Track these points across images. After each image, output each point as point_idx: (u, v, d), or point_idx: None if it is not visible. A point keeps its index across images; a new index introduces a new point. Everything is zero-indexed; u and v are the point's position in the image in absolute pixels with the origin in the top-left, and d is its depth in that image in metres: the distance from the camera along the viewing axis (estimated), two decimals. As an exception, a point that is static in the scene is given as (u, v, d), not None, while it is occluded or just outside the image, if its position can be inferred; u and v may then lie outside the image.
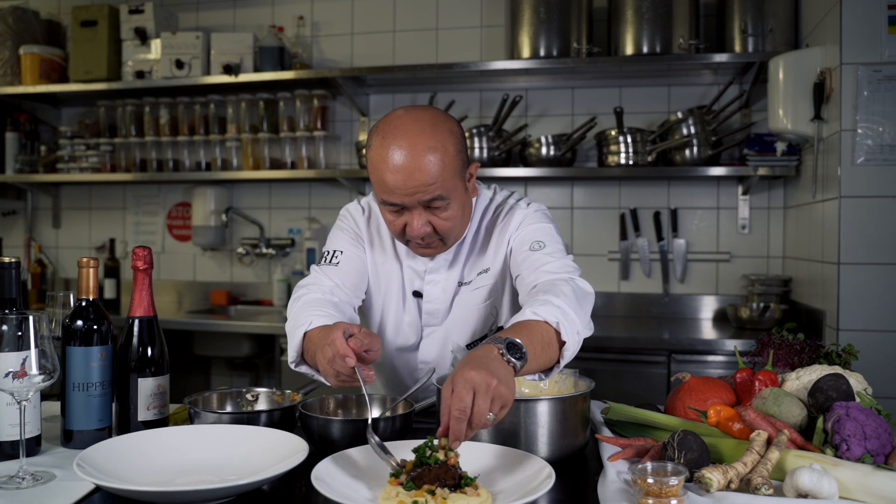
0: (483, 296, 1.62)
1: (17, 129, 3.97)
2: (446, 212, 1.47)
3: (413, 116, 1.45)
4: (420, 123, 1.43)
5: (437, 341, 1.65)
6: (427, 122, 1.44)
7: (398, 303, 1.66)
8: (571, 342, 1.28)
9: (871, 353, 2.34)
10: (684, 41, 3.10)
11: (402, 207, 1.46)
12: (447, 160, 1.43)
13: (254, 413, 1.38)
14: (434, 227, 1.48)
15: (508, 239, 1.59)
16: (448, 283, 1.63)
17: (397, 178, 1.41)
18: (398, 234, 1.52)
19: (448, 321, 1.64)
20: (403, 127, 1.43)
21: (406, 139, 1.41)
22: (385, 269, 1.66)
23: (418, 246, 1.53)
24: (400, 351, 1.69)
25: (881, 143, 2.41)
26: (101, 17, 3.68)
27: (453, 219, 1.49)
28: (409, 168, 1.40)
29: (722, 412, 1.22)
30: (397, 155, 1.41)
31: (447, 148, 1.43)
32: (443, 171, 1.42)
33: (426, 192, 1.42)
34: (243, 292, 3.89)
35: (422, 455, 1.03)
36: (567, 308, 1.30)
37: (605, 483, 1.09)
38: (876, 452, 1.08)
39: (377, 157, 1.43)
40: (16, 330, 1.13)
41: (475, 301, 1.63)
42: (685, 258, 3.41)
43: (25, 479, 1.12)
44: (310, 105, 3.63)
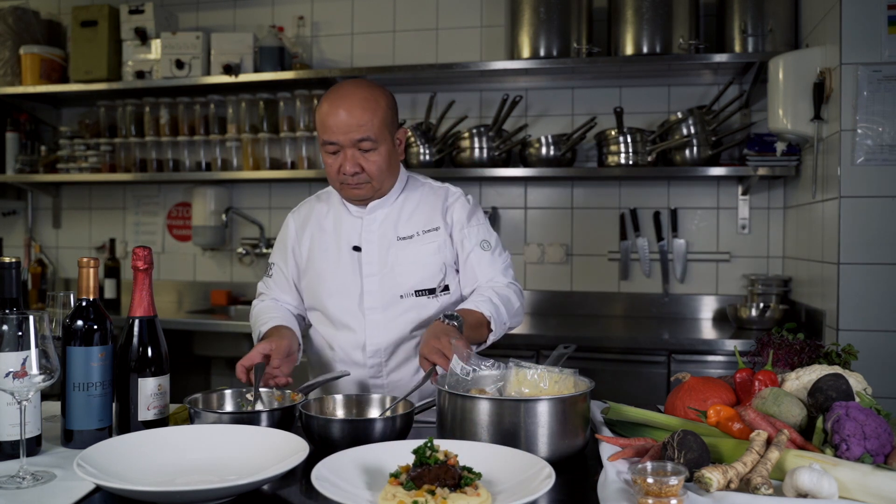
0: (433, 249, 1.83)
1: (17, 129, 3.97)
2: (374, 155, 1.74)
3: (353, 80, 1.80)
4: (358, 83, 1.78)
5: (379, 289, 1.81)
6: (364, 84, 1.78)
7: (338, 260, 1.85)
8: (497, 332, 1.73)
9: (870, 353, 2.34)
10: (684, 41, 3.11)
11: (338, 149, 1.73)
12: (378, 111, 1.74)
13: (254, 413, 1.38)
14: (363, 168, 1.74)
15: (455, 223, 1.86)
16: (384, 235, 1.84)
17: (336, 117, 1.71)
18: (335, 175, 1.77)
19: (389, 271, 1.82)
20: (345, 85, 1.77)
21: (345, 89, 1.75)
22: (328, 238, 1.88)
23: (349, 187, 1.78)
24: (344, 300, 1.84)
25: (881, 143, 2.41)
26: (101, 17, 3.68)
27: (380, 163, 1.76)
28: (345, 108, 1.71)
29: (722, 412, 1.22)
30: (337, 100, 1.73)
31: (379, 102, 1.75)
32: (373, 118, 1.72)
33: (357, 131, 1.71)
34: (243, 292, 3.89)
35: (422, 455, 1.03)
36: (501, 307, 1.74)
37: (605, 483, 1.09)
38: (876, 452, 1.08)
39: (323, 106, 1.75)
40: (16, 330, 1.13)
41: (426, 253, 1.83)
42: (685, 258, 3.41)
43: (26, 479, 1.12)
44: (310, 105, 3.63)
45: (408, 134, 1.90)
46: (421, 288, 1.82)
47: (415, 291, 1.81)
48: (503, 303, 1.76)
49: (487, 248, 1.85)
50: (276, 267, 1.95)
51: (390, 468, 1.07)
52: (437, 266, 1.83)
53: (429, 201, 1.89)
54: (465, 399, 1.28)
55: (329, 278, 1.85)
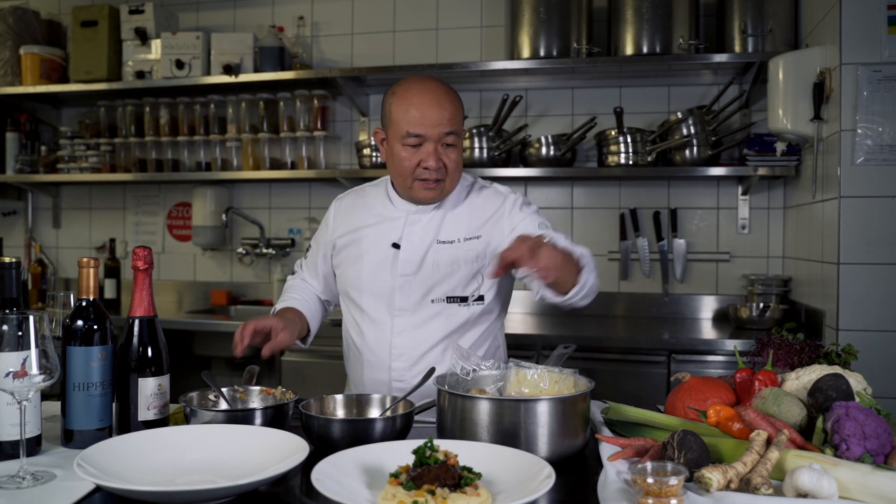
0: (472, 257, 1.76)
1: (17, 130, 3.97)
2: (454, 152, 1.72)
3: (427, 77, 1.76)
4: (432, 78, 1.76)
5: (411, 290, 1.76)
6: (439, 80, 1.76)
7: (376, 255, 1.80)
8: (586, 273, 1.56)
9: (870, 353, 2.34)
10: (684, 41, 3.11)
11: (421, 141, 1.68)
12: (460, 106, 1.74)
13: (248, 410, 1.38)
14: (444, 164, 1.70)
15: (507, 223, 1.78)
16: (424, 238, 1.78)
17: (425, 109, 1.67)
18: (410, 171, 1.71)
19: (424, 273, 1.76)
20: (426, 79, 1.75)
21: (430, 83, 1.72)
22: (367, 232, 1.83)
23: (426, 184, 1.72)
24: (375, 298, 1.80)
25: (881, 143, 2.41)
26: (101, 17, 3.68)
27: (457, 161, 1.73)
28: (435, 101, 1.68)
29: (722, 412, 1.22)
30: (425, 91, 1.69)
31: (459, 98, 1.75)
32: (458, 112, 1.72)
33: (446, 124, 1.68)
34: (243, 292, 3.89)
35: (422, 455, 1.03)
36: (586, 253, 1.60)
37: (606, 483, 1.09)
38: (875, 452, 1.08)
39: (406, 96, 1.70)
40: (16, 330, 1.13)
41: (464, 259, 1.76)
42: (685, 258, 3.41)
43: (26, 479, 1.12)
44: (310, 105, 3.63)
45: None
46: (453, 294, 1.76)
47: (446, 297, 1.76)
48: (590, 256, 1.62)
49: (546, 228, 1.75)
50: (311, 252, 1.96)
51: (390, 468, 1.07)
52: (472, 273, 1.76)
53: (480, 209, 1.82)
54: (465, 399, 1.28)
55: (364, 272, 1.80)
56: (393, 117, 1.72)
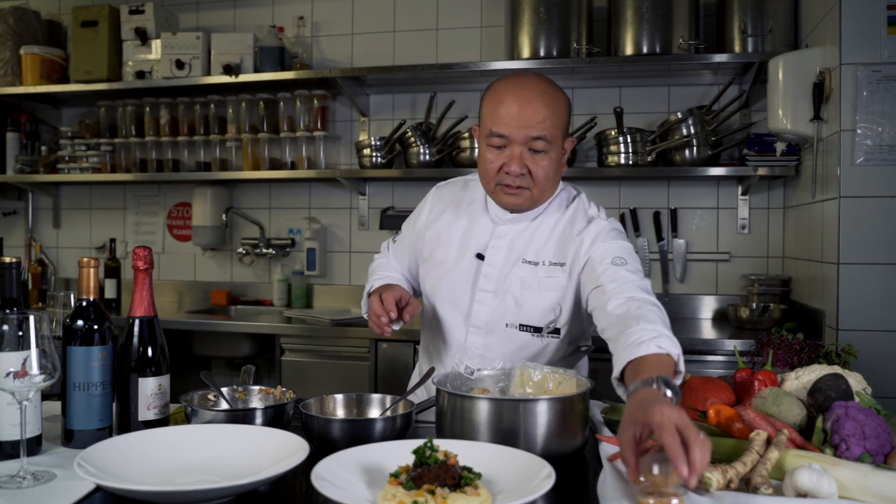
0: (552, 285, 1.63)
1: (17, 130, 3.97)
2: (544, 159, 1.57)
3: (535, 74, 1.64)
4: (541, 77, 1.62)
5: (489, 309, 1.67)
6: (545, 79, 1.62)
7: (457, 261, 1.72)
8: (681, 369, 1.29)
9: (870, 353, 2.34)
10: (684, 41, 3.11)
11: (506, 142, 1.57)
12: (558, 110, 1.58)
13: (248, 410, 1.38)
14: (529, 171, 1.57)
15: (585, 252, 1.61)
16: (510, 253, 1.67)
17: (512, 108, 1.55)
18: (493, 174, 1.60)
19: (504, 293, 1.65)
20: (526, 75, 1.61)
21: (525, 79, 1.59)
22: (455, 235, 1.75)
23: (507, 189, 1.60)
24: (452, 309, 1.73)
25: (880, 144, 2.41)
26: (101, 17, 3.68)
27: (547, 169, 1.58)
28: (525, 99, 1.55)
29: (722, 412, 1.22)
30: (516, 89, 1.56)
31: (560, 101, 1.59)
32: (552, 116, 1.56)
33: (535, 127, 1.54)
34: (243, 292, 3.89)
35: (421, 455, 1.03)
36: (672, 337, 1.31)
37: (606, 483, 1.09)
38: (875, 452, 1.08)
39: (497, 91, 1.59)
40: (16, 330, 1.13)
41: (545, 287, 1.63)
42: (685, 258, 3.41)
43: (26, 479, 1.12)
44: (310, 105, 3.63)
45: (575, 144, 1.75)
46: (527, 323, 1.64)
47: (519, 325, 1.64)
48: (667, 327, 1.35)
49: (621, 263, 1.53)
50: (401, 239, 1.89)
51: (390, 468, 1.07)
52: (552, 304, 1.62)
53: (566, 229, 1.66)
54: (465, 399, 1.28)
55: (444, 279, 1.72)
56: (483, 113, 1.62)
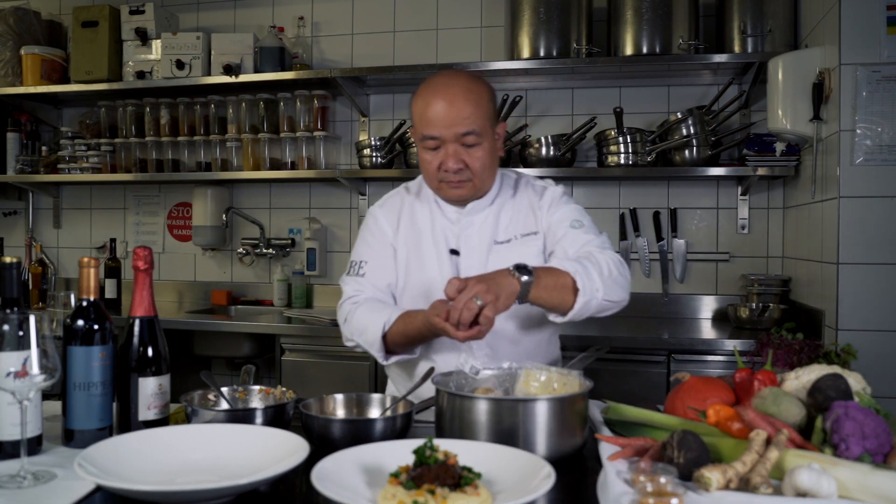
0: (533, 253, 1.72)
1: (18, 130, 3.97)
2: (479, 151, 1.65)
3: (454, 71, 1.75)
4: (459, 74, 1.71)
5: None
6: (464, 74, 1.71)
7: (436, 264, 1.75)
8: (586, 292, 1.50)
9: (870, 353, 2.35)
10: (684, 41, 3.11)
11: (439, 144, 1.64)
12: (482, 102, 1.65)
13: (249, 410, 1.38)
14: (466, 164, 1.64)
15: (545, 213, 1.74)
16: (482, 239, 1.73)
17: (438, 110, 1.62)
18: (434, 173, 1.67)
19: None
20: (445, 75, 1.70)
21: (445, 80, 1.66)
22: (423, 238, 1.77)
23: (450, 184, 1.67)
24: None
25: (880, 144, 2.41)
26: (101, 17, 3.68)
27: (483, 160, 1.66)
28: (448, 100, 1.62)
29: (721, 412, 1.22)
30: (438, 91, 1.64)
31: (482, 93, 1.66)
32: (477, 110, 1.63)
33: (462, 124, 1.62)
34: (243, 292, 3.89)
35: (421, 455, 1.03)
36: (591, 269, 1.53)
37: (605, 483, 1.10)
38: (875, 452, 1.08)
39: (422, 97, 1.66)
40: (17, 329, 1.13)
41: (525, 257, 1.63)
42: (685, 258, 3.41)
43: (27, 479, 1.12)
44: (310, 105, 3.63)
45: (506, 128, 1.82)
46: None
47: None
48: (593, 267, 1.55)
49: (578, 226, 1.70)
50: (370, 265, 1.78)
51: (390, 468, 1.08)
52: None
53: (525, 203, 1.78)
54: (464, 399, 1.28)
55: (428, 282, 1.72)
56: (414, 119, 1.69)
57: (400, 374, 1.86)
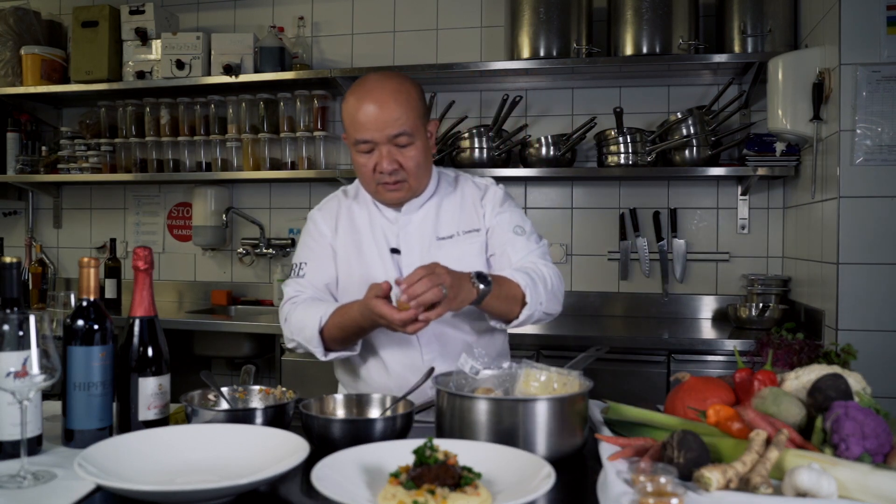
0: (475, 250, 1.74)
1: (18, 130, 3.97)
2: (411, 150, 1.65)
3: (381, 73, 1.71)
4: (386, 76, 1.69)
5: None
6: (391, 75, 1.69)
7: (377, 263, 1.75)
8: (532, 305, 1.59)
9: (870, 353, 2.35)
10: (684, 41, 3.11)
11: (372, 146, 1.64)
12: (411, 102, 1.65)
13: (249, 410, 1.38)
14: (400, 164, 1.65)
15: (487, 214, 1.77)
16: (423, 236, 1.74)
17: (368, 113, 1.61)
18: (370, 176, 1.68)
19: None
20: (372, 78, 1.68)
21: (372, 83, 1.65)
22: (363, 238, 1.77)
23: (386, 187, 1.68)
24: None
25: (880, 144, 2.41)
26: (101, 17, 3.68)
27: (417, 159, 1.66)
28: (377, 102, 1.61)
29: (721, 412, 1.22)
30: (366, 95, 1.63)
31: (410, 93, 1.66)
32: (407, 110, 1.63)
33: (394, 125, 1.62)
34: (243, 292, 3.89)
35: (421, 455, 1.03)
36: (538, 283, 1.62)
37: (605, 483, 1.10)
38: (875, 452, 1.08)
39: (351, 102, 1.65)
40: (17, 329, 1.13)
41: (471, 254, 1.74)
42: (685, 258, 3.41)
43: (27, 479, 1.12)
44: (310, 105, 3.63)
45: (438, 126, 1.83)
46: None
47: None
48: (540, 280, 1.63)
49: (521, 233, 1.74)
50: (310, 266, 1.78)
51: (390, 468, 1.08)
52: (481, 269, 1.67)
53: (468, 200, 1.79)
54: (464, 399, 1.28)
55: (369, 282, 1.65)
56: (345, 124, 1.69)
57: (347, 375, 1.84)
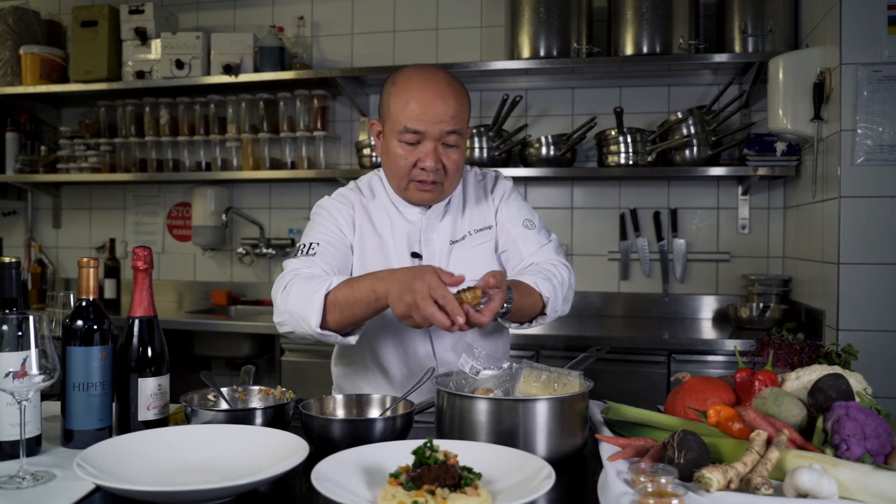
0: (488, 250, 1.69)
1: (17, 130, 3.97)
2: (455, 152, 1.58)
3: (435, 66, 1.62)
4: (445, 71, 1.61)
5: None
6: (446, 71, 1.61)
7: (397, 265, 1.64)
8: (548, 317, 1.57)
9: (870, 353, 2.34)
10: (684, 41, 3.11)
11: (420, 139, 1.55)
12: (465, 102, 1.59)
13: (248, 410, 1.38)
14: (443, 165, 1.57)
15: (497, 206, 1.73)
16: (443, 241, 1.68)
17: (425, 104, 1.52)
18: (406, 170, 1.59)
19: None
20: (431, 69, 1.59)
21: (435, 74, 1.57)
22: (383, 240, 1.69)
23: (422, 185, 1.59)
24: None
25: (881, 143, 2.41)
26: (101, 17, 3.68)
27: (459, 162, 1.60)
28: (439, 94, 1.53)
29: (722, 412, 1.22)
30: (429, 83, 1.54)
31: (465, 93, 1.60)
32: (462, 109, 1.57)
33: (449, 122, 1.54)
34: (243, 292, 3.89)
35: (421, 455, 1.03)
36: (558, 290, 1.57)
37: (606, 483, 1.09)
38: (875, 452, 1.08)
39: (406, 88, 1.55)
40: (16, 330, 1.13)
41: (483, 254, 1.68)
42: (685, 258, 3.41)
43: (26, 479, 1.12)
44: (310, 105, 3.63)
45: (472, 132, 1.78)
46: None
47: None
48: (559, 287, 1.58)
49: (531, 227, 1.69)
50: (322, 247, 1.63)
51: (390, 468, 1.07)
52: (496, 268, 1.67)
53: (477, 194, 1.74)
54: (464, 399, 1.28)
55: None
56: (391, 109, 1.57)
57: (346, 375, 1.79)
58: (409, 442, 1.16)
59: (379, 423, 1.30)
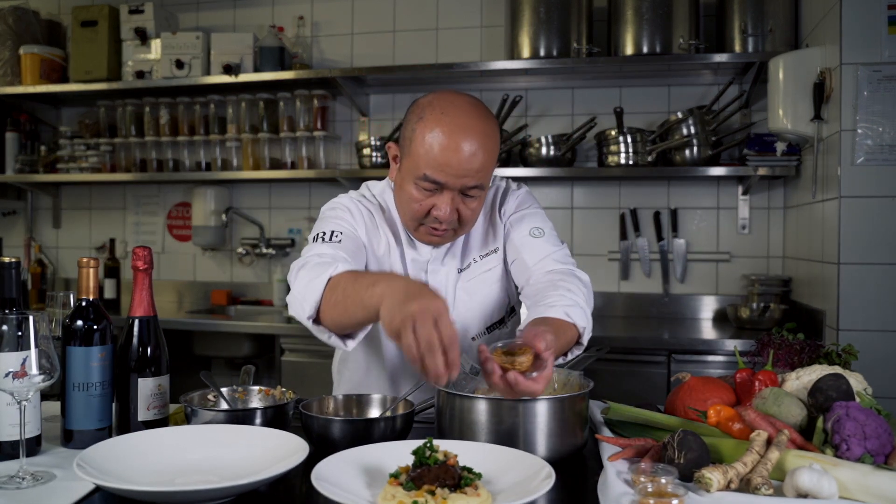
0: (497, 275, 1.60)
1: (17, 129, 3.97)
2: (475, 202, 1.47)
3: (470, 101, 1.44)
4: (480, 109, 1.44)
5: None
6: (483, 110, 1.45)
7: None
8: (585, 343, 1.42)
9: (870, 353, 2.34)
10: (684, 41, 3.10)
11: (439, 188, 1.43)
12: (495, 150, 1.44)
13: (248, 410, 1.38)
14: (459, 214, 1.46)
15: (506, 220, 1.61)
16: (449, 272, 1.59)
17: (451, 155, 1.38)
18: (420, 215, 1.47)
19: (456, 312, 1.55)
20: (466, 109, 1.42)
21: (471, 121, 1.40)
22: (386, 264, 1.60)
23: (433, 231, 1.49)
24: None
25: (881, 143, 2.41)
26: (101, 17, 3.68)
27: (477, 210, 1.49)
28: (470, 150, 1.38)
29: (722, 412, 1.22)
30: (459, 133, 1.38)
31: (496, 137, 1.45)
32: (491, 162, 1.43)
33: (474, 177, 1.41)
34: (243, 292, 3.89)
35: (421, 455, 1.03)
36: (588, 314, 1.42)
37: (606, 483, 1.09)
38: (876, 452, 1.08)
39: (433, 125, 1.39)
40: (16, 330, 1.13)
41: (489, 281, 1.59)
42: (685, 258, 3.41)
43: (25, 479, 1.12)
44: (310, 105, 3.63)
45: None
46: (492, 323, 1.61)
47: (486, 329, 1.60)
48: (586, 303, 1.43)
49: (539, 235, 1.55)
50: (345, 235, 1.52)
51: (390, 468, 1.07)
52: (503, 294, 1.60)
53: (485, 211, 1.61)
54: (464, 399, 1.28)
55: None
56: (413, 147, 1.43)
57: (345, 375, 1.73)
58: (409, 442, 1.16)
59: (379, 423, 1.30)
